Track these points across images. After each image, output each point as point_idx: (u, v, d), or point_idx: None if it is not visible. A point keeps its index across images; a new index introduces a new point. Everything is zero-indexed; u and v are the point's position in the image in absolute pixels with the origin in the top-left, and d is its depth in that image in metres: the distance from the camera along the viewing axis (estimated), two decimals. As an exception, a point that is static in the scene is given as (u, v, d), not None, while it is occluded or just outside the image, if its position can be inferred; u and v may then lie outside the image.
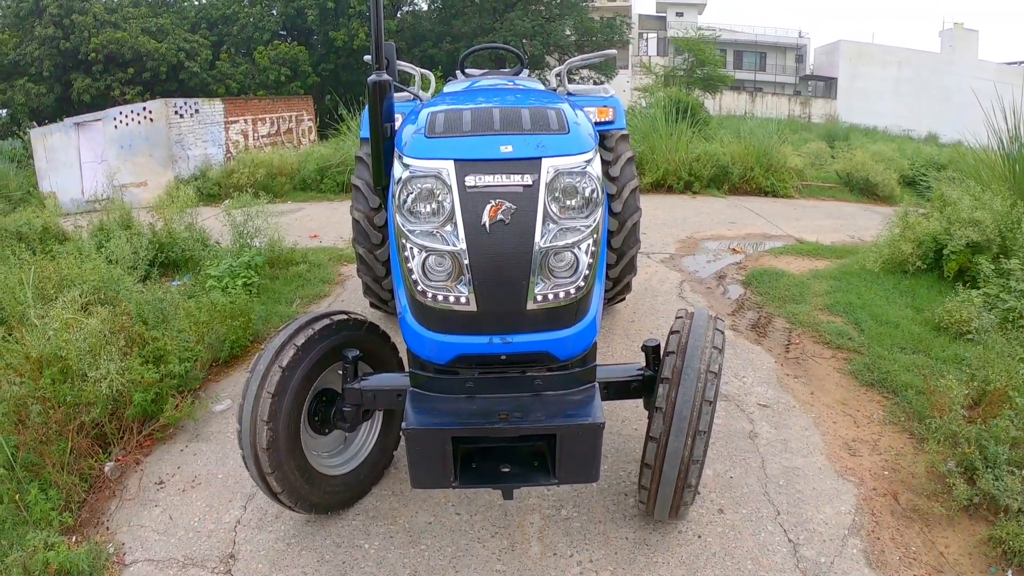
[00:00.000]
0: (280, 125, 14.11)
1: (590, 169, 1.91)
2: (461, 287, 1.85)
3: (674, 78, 28.44)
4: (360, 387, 2.35)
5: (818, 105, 38.71)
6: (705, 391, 2.12)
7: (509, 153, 1.86)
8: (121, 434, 3.24)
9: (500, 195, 1.83)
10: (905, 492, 2.91)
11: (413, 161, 1.88)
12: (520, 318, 1.91)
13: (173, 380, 3.42)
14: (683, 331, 2.27)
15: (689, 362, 2.15)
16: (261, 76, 21.68)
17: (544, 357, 2.01)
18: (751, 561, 2.44)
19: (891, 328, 4.43)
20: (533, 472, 2.03)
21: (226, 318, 4.13)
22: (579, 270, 1.92)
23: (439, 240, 1.85)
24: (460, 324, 1.91)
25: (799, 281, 5.61)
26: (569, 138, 1.95)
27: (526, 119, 1.98)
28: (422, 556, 2.47)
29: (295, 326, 2.33)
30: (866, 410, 3.58)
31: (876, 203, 10.65)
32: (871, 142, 16.62)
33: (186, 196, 6.17)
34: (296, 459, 2.30)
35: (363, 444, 2.75)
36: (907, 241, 5.53)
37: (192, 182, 10.52)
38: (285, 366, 2.21)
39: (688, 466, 2.15)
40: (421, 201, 1.85)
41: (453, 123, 1.97)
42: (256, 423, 2.18)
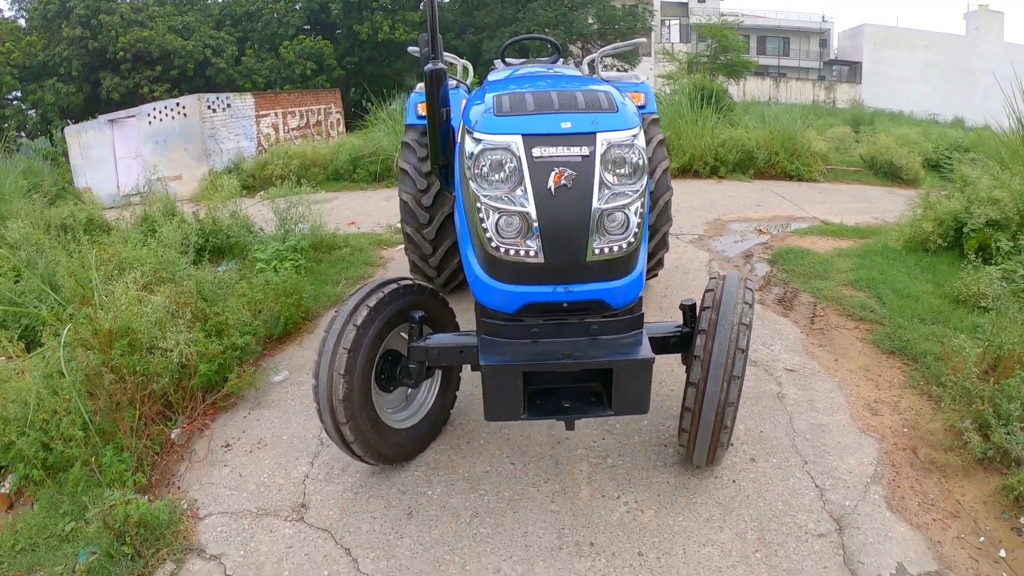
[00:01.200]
0: (309, 118, 14.44)
1: (637, 142, 2.17)
2: (530, 242, 2.12)
3: (697, 65, 28.29)
4: (425, 345, 2.60)
5: (843, 90, 38.16)
6: (738, 340, 2.36)
7: (568, 129, 2.12)
8: (186, 403, 3.48)
9: (563, 164, 2.09)
10: (923, 447, 3.09)
11: (486, 136, 2.14)
12: (580, 269, 2.17)
13: (235, 352, 3.70)
14: (717, 289, 2.52)
15: (723, 315, 2.39)
16: (287, 71, 22.10)
17: (600, 305, 2.27)
18: (781, 503, 2.67)
19: (912, 301, 4.57)
20: (591, 406, 2.29)
21: (279, 296, 4.41)
22: (629, 228, 2.19)
23: (510, 203, 2.11)
24: (528, 275, 2.17)
25: (823, 259, 5.76)
26: (618, 116, 2.21)
27: (581, 100, 2.23)
28: (482, 500, 2.70)
29: (368, 289, 2.58)
30: (887, 375, 3.75)
31: (900, 186, 10.66)
32: (896, 126, 16.47)
33: (230, 186, 6.48)
34: (368, 412, 2.55)
35: (424, 401, 3.00)
36: (928, 220, 5.64)
37: (226, 175, 10.84)
38: (360, 324, 2.44)
39: (724, 408, 2.38)
40: (494, 170, 2.11)
41: (518, 104, 2.23)
42: (333, 376, 2.42)
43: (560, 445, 3.05)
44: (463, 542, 2.50)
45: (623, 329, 2.30)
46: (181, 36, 21.01)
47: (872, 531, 2.55)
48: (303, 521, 2.67)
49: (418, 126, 4.42)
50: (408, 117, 4.47)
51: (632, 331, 2.33)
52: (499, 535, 2.53)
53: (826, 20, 44.79)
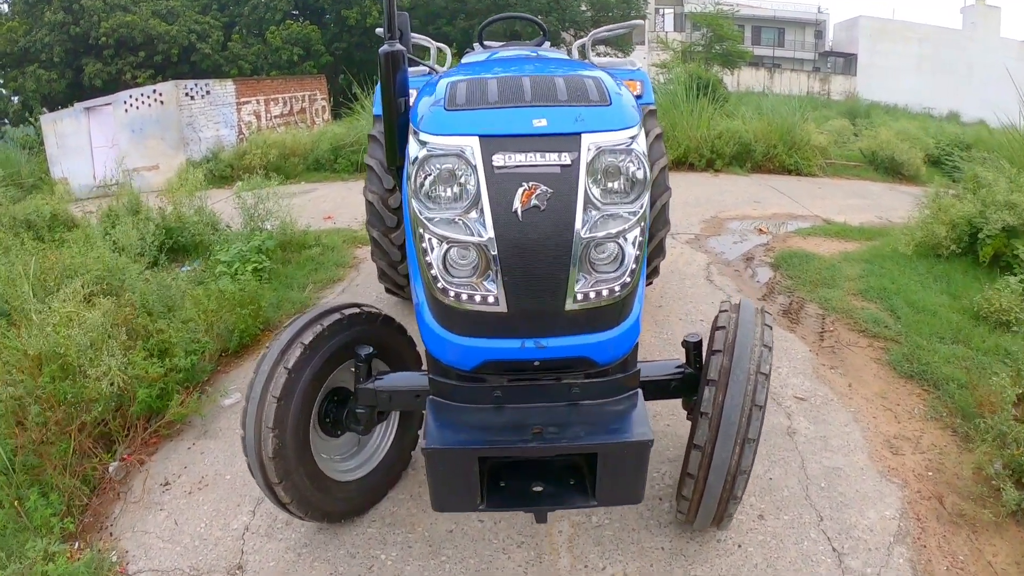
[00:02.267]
0: (293, 105, 13.91)
1: (635, 146, 1.69)
2: (488, 284, 1.65)
3: (692, 54, 27.86)
4: (375, 387, 2.15)
5: (838, 82, 37.87)
6: (755, 395, 1.91)
7: (543, 128, 1.64)
8: (126, 432, 3.12)
9: (534, 176, 1.61)
10: (950, 495, 2.73)
11: (431, 138, 1.66)
12: (557, 319, 1.70)
13: (178, 374, 3.29)
14: (730, 326, 2.05)
15: (738, 362, 1.94)
16: (273, 56, 21.48)
17: (582, 362, 1.81)
18: (795, 573, 2.28)
19: (928, 316, 4.22)
20: (569, 492, 1.82)
21: (235, 306, 3.99)
22: (624, 264, 1.71)
23: (462, 229, 1.64)
24: (487, 326, 1.71)
25: (830, 264, 5.40)
26: (611, 111, 1.72)
27: (561, 89, 1.74)
28: (443, 568, 2.30)
29: (302, 322, 2.15)
30: (906, 404, 3.39)
31: (901, 182, 10.33)
32: (893, 120, 16.15)
33: (195, 179, 6.03)
34: (306, 466, 2.14)
35: (378, 446, 2.57)
36: (940, 224, 5.29)
37: (204, 164, 10.39)
38: (291, 367, 2.02)
39: (735, 477, 1.96)
40: (441, 184, 1.64)
41: (477, 94, 1.74)
42: (260, 430, 2.02)
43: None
44: (418, 626, 2.11)
45: (612, 391, 1.85)
46: (165, 21, 20.33)
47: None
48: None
49: None
50: (376, 107, 4.02)
51: (624, 392, 1.88)
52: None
53: (822, 11, 44.34)
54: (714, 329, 2.10)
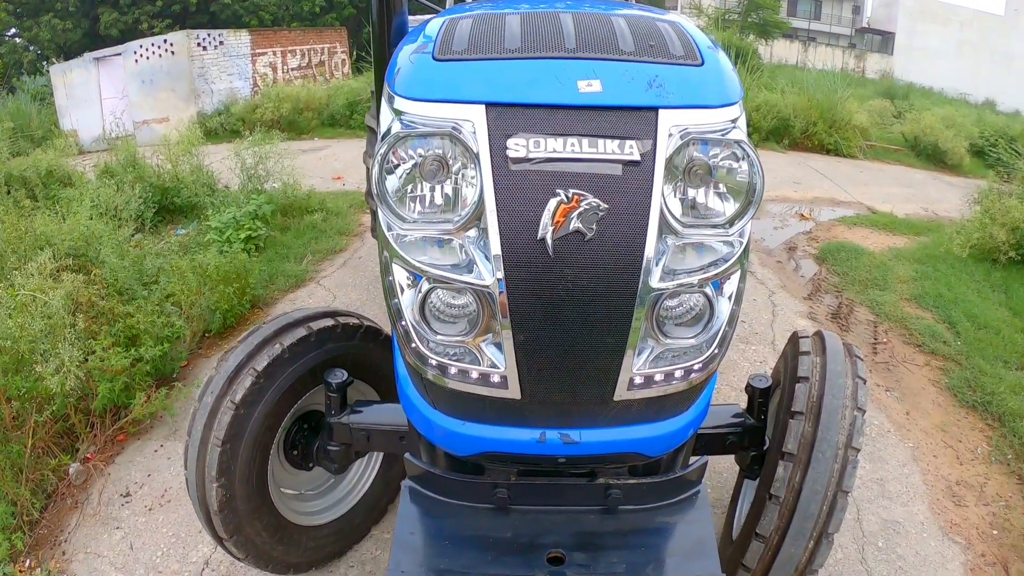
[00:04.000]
0: (312, 58, 13.27)
1: (741, 135, 1.10)
2: (491, 350, 1.09)
3: (727, 22, 26.81)
4: (349, 423, 1.71)
5: (873, 60, 36.47)
6: (843, 478, 1.47)
7: (595, 96, 1.02)
8: (90, 428, 2.78)
9: (577, 180, 1.01)
10: (1017, 561, 2.35)
11: (410, 105, 1.07)
12: (600, 410, 1.18)
13: (146, 365, 2.91)
14: (814, 378, 1.57)
15: (824, 433, 1.48)
16: (295, 7, 20.79)
17: (628, 457, 1.29)
18: None
19: (991, 334, 3.77)
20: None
21: (218, 283, 3.60)
22: (713, 326, 1.13)
23: (453, 260, 1.07)
24: (489, 411, 1.20)
25: (880, 262, 4.95)
26: (705, 74, 1.11)
27: (624, 34, 1.13)
28: None
29: (256, 341, 1.68)
30: (969, 440, 2.97)
31: (944, 171, 9.72)
32: (932, 104, 15.32)
33: (192, 134, 5.59)
34: (263, 517, 1.74)
35: (359, 482, 2.14)
36: (999, 226, 4.78)
37: (215, 117, 9.95)
38: (239, 401, 1.60)
39: (805, 569, 1.53)
40: (421, 181, 1.06)
41: (487, 36, 1.13)
42: (204, 480, 1.62)
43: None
44: None
45: (668, 493, 1.32)
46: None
47: None
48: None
49: None
50: None
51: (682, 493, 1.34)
52: None
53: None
54: (795, 380, 1.60)
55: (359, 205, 6.03)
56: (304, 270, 4.55)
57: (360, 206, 6.02)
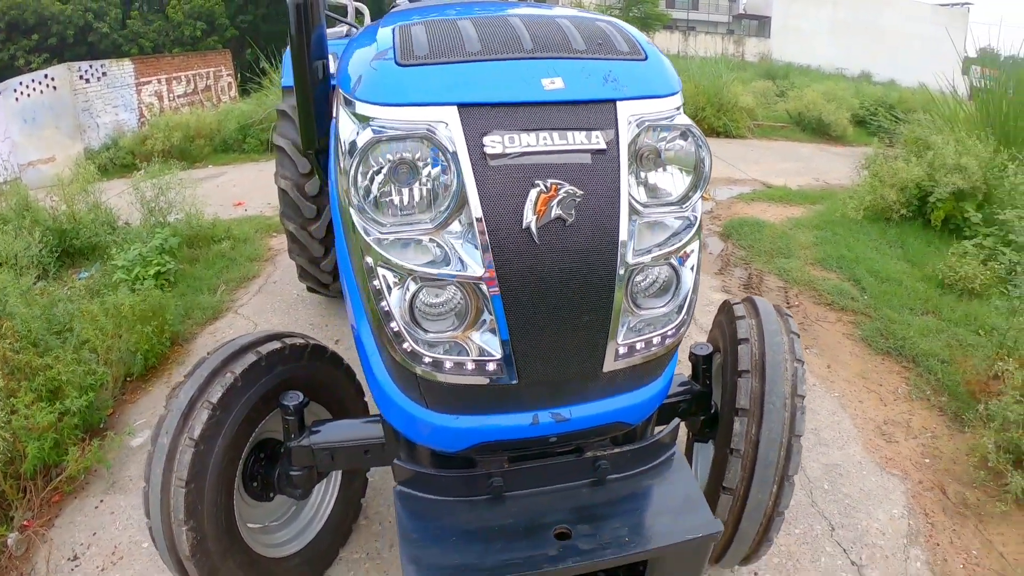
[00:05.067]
0: (197, 83, 12.70)
1: (686, 119, 1.19)
2: (482, 341, 1.11)
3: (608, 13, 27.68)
4: (311, 444, 1.66)
5: (752, 44, 38.53)
6: (794, 424, 1.59)
7: (558, 92, 1.09)
8: (22, 493, 2.55)
9: (552, 170, 1.07)
10: (952, 483, 2.60)
11: (378, 110, 1.08)
12: (588, 385, 1.23)
13: (73, 418, 2.71)
14: (753, 338, 1.69)
15: (772, 386, 1.60)
16: (175, 32, 19.82)
17: (613, 428, 1.35)
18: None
19: (894, 286, 4.11)
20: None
21: (135, 323, 3.39)
22: (680, 295, 1.22)
23: (438, 257, 1.09)
24: (484, 399, 1.21)
25: (781, 232, 5.28)
26: (650, 67, 1.20)
27: (574, 35, 1.19)
28: None
29: (206, 372, 1.60)
30: (889, 383, 3.23)
31: (830, 143, 10.47)
32: (811, 81, 16.48)
33: (87, 172, 5.24)
34: (236, 555, 1.66)
35: (321, 505, 2.08)
36: (888, 187, 5.22)
37: (104, 153, 9.33)
38: (198, 437, 1.51)
39: (771, 519, 1.64)
40: (398, 184, 1.06)
41: (447, 40, 1.16)
42: (171, 526, 1.52)
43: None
44: None
45: (648, 458, 1.40)
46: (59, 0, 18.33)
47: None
48: None
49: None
50: (284, 77, 3.44)
51: (661, 456, 1.42)
52: None
53: (736, -26, 45.07)
54: (738, 342, 1.71)
55: (265, 230, 5.85)
56: (220, 301, 4.36)
57: (266, 230, 5.84)
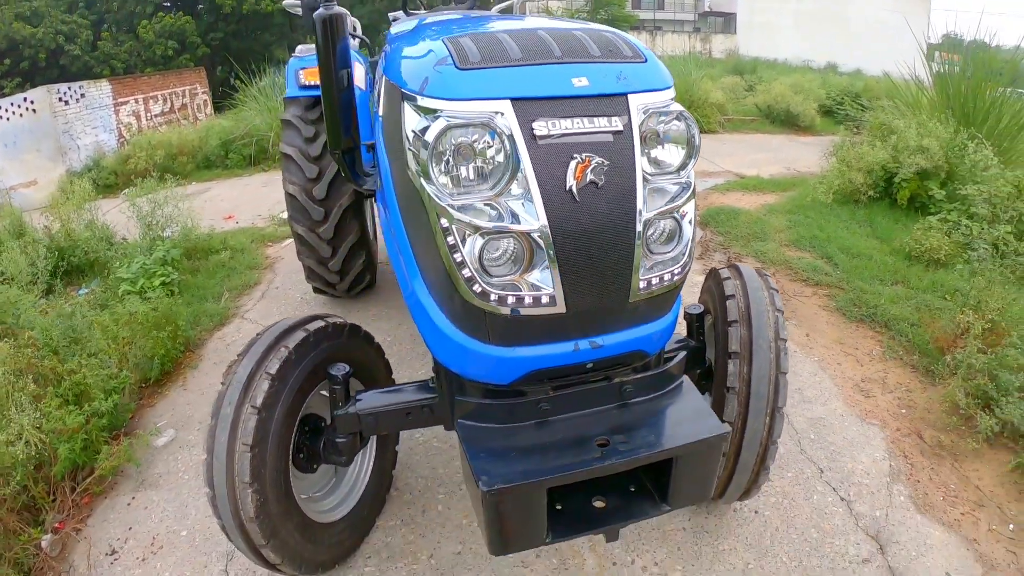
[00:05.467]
0: (174, 102, 12.79)
1: (679, 107, 1.47)
2: (537, 280, 1.36)
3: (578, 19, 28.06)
4: (357, 411, 1.84)
5: (718, 40, 39.15)
6: (779, 362, 1.86)
7: (585, 88, 1.36)
8: (52, 496, 2.64)
9: (584, 147, 1.33)
10: (926, 428, 2.84)
11: (446, 104, 1.34)
12: (619, 314, 1.47)
13: (101, 419, 2.84)
14: (738, 294, 1.97)
15: (758, 332, 1.87)
16: (147, 53, 19.82)
17: (635, 356, 1.59)
18: (814, 529, 2.30)
19: (864, 260, 4.38)
20: (633, 501, 1.58)
21: (150, 329, 3.53)
22: (682, 242, 1.50)
23: (499, 216, 1.33)
24: (536, 331, 1.43)
25: (756, 218, 5.53)
26: (650, 68, 1.48)
27: (590, 44, 1.47)
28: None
29: (262, 347, 1.77)
30: (864, 347, 3.48)
31: (799, 133, 10.82)
32: (779, 74, 16.93)
33: (82, 190, 5.35)
34: (293, 518, 1.81)
35: (359, 475, 2.26)
36: (856, 171, 5.51)
37: (86, 174, 9.38)
38: (261, 405, 1.66)
39: (767, 448, 1.90)
40: (466, 161, 1.32)
41: (494, 50, 1.41)
42: (235, 488, 1.67)
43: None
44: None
45: (663, 383, 1.66)
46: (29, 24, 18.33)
47: (912, 543, 2.25)
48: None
49: (302, 98, 3.61)
50: (288, 88, 3.63)
51: (672, 382, 1.69)
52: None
53: (701, -27, 45.68)
54: (725, 299, 1.98)
55: (259, 240, 5.98)
56: (225, 308, 4.49)
57: (261, 240, 5.97)
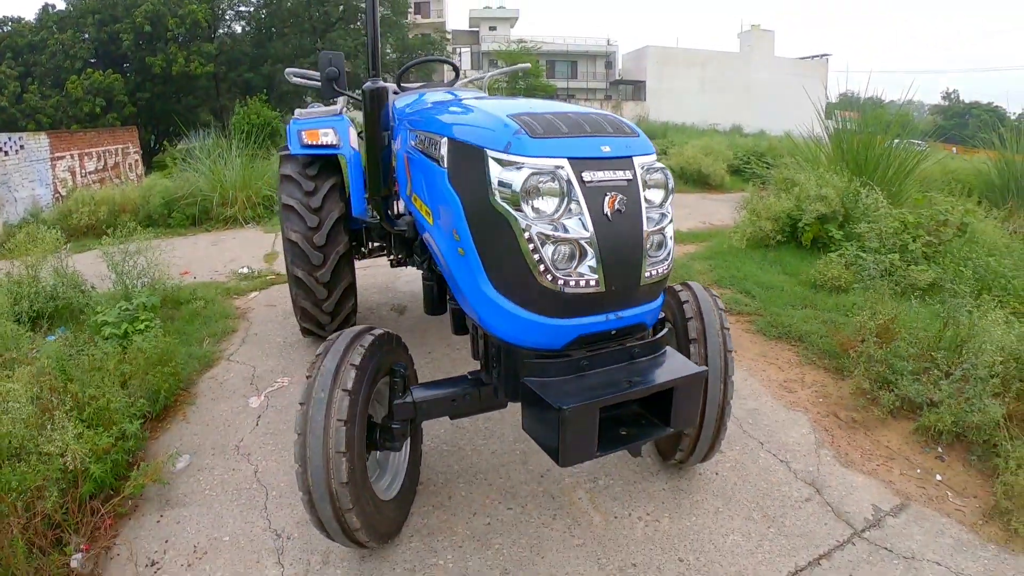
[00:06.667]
0: (107, 160, 12.75)
1: (662, 165, 2.17)
2: (584, 271, 1.98)
3: (497, 90, 29.53)
4: (413, 400, 2.36)
5: (629, 107, 41.65)
6: (726, 343, 2.56)
7: (609, 153, 2.03)
8: (76, 517, 2.73)
9: (612, 188, 2.00)
10: (841, 410, 3.55)
11: (526, 158, 1.95)
12: (634, 294, 2.09)
13: (128, 442, 3.07)
14: (691, 300, 2.67)
15: (708, 323, 2.57)
16: (74, 108, 19.48)
17: (639, 328, 2.21)
18: (763, 482, 2.94)
19: (777, 291, 5.18)
20: (646, 427, 2.18)
21: (154, 365, 3.78)
22: (667, 248, 2.17)
23: (563, 229, 1.95)
24: (583, 305, 2.02)
25: (681, 263, 6.32)
26: (643, 140, 2.18)
27: (606, 125, 2.14)
28: (502, 554, 2.49)
29: (343, 345, 2.21)
30: (783, 357, 4.18)
31: (711, 191, 12.07)
32: (687, 138, 18.58)
33: (52, 238, 5.50)
34: (368, 490, 2.20)
35: (400, 464, 2.65)
36: (765, 219, 6.43)
37: (24, 227, 9.24)
38: (350, 388, 2.10)
39: (724, 407, 2.58)
40: (543, 196, 1.93)
41: (550, 126, 2.05)
42: (330, 456, 2.05)
43: (544, 478, 2.96)
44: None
45: (656, 349, 2.26)
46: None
47: (840, 486, 2.92)
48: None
49: (300, 156, 4.08)
50: (291, 147, 4.10)
51: (662, 349, 2.29)
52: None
53: (611, 44, 48.78)
54: (681, 304, 2.68)
55: (225, 293, 6.20)
56: (208, 352, 4.72)
57: (226, 294, 6.19)
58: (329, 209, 3.95)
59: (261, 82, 24.84)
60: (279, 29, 26.91)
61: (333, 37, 26.86)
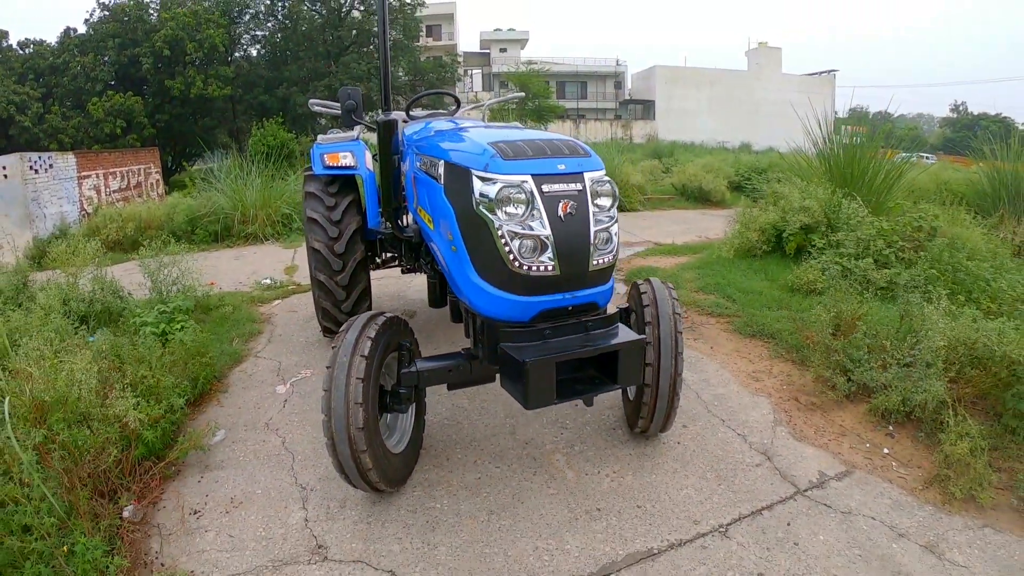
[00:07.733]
0: (130, 179, 13.46)
1: (608, 178, 2.71)
2: (544, 259, 2.52)
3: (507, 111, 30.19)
4: (417, 370, 2.89)
5: (638, 126, 42.16)
6: (676, 325, 3.05)
7: (564, 170, 2.58)
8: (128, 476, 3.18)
9: (565, 196, 2.53)
10: (802, 395, 3.96)
11: (499, 176, 2.51)
12: (584, 278, 2.61)
13: (174, 415, 3.57)
14: (649, 292, 3.17)
15: (662, 309, 3.07)
16: (94, 129, 20.20)
17: (592, 307, 2.72)
18: (720, 450, 3.38)
19: (756, 295, 5.62)
20: (598, 384, 2.66)
21: (193, 356, 4.28)
22: (613, 244, 2.69)
23: (528, 228, 2.49)
24: (543, 286, 2.55)
25: (671, 273, 6.78)
26: (593, 159, 2.71)
27: (563, 147, 2.68)
28: (489, 500, 2.99)
29: (361, 323, 2.75)
30: (756, 352, 4.62)
31: (711, 208, 12.52)
32: (695, 156, 19.09)
33: (92, 247, 6.05)
34: (379, 439, 2.70)
35: (406, 426, 3.17)
36: (752, 231, 6.88)
37: (52, 241, 9.85)
38: (367, 355, 2.62)
39: (675, 379, 3.02)
40: (513, 203, 2.48)
41: (519, 150, 2.60)
42: (349, 406, 2.56)
43: (529, 445, 3.45)
44: (493, 536, 2.77)
45: (606, 324, 2.77)
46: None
47: (791, 455, 3.33)
48: (330, 560, 2.64)
49: (322, 176, 4.61)
50: (315, 167, 4.64)
51: (613, 324, 2.80)
52: (521, 523, 2.84)
53: (620, 64, 49.70)
54: (640, 294, 3.19)
55: (250, 301, 6.73)
56: (238, 349, 5.22)
57: (251, 301, 6.71)
58: (348, 222, 4.49)
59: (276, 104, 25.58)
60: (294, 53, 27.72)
61: (347, 61, 27.59)
